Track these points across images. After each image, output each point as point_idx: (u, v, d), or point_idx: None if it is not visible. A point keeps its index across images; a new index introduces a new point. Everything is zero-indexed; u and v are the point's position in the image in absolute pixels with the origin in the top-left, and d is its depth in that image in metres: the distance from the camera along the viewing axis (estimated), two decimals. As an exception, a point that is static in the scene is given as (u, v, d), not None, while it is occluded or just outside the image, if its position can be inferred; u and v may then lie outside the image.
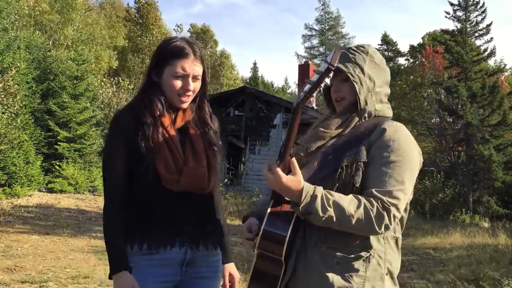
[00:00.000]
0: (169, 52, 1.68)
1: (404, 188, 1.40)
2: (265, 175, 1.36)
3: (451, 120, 19.87)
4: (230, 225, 11.17)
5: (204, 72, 1.74)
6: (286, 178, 1.34)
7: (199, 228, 1.71)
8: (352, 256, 1.42)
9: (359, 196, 1.38)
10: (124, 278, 1.57)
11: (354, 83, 1.53)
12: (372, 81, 1.56)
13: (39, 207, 10.89)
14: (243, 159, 18.01)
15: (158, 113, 1.65)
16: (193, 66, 1.68)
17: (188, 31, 39.14)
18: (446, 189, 16.19)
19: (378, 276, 1.44)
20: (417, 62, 27.77)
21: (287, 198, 1.43)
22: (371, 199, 1.37)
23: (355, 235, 1.41)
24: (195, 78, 1.70)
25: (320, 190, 1.36)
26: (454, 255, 8.32)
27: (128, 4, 35.14)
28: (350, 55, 1.58)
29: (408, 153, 1.44)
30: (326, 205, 1.33)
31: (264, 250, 1.42)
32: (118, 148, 1.65)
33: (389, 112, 1.61)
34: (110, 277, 1.60)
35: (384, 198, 1.36)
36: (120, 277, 1.58)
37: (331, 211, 1.33)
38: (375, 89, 1.56)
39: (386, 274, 1.46)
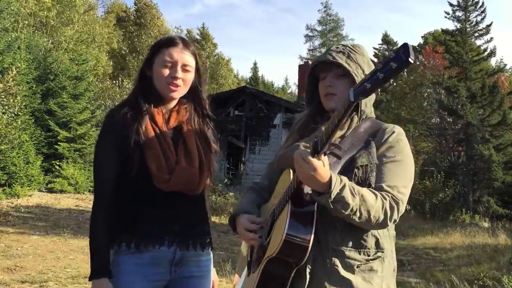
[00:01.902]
0: (158, 43, 1.69)
1: (407, 185, 1.46)
2: (298, 161, 1.29)
3: (451, 120, 19.90)
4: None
5: (198, 68, 1.72)
6: (319, 167, 1.27)
7: (189, 228, 1.67)
8: (372, 257, 1.45)
9: (373, 190, 1.40)
10: (104, 286, 1.54)
11: None
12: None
13: (39, 207, 10.89)
14: (243, 159, 18.02)
15: (144, 109, 1.63)
16: (181, 54, 1.65)
17: (185, 35, 39.26)
18: (446, 189, 16.19)
19: (390, 273, 1.50)
20: (417, 63, 27.75)
21: (309, 189, 1.37)
22: (383, 192, 1.40)
23: (369, 236, 1.44)
24: (185, 68, 1.66)
25: (345, 179, 1.34)
26: (454, 255, 8.31)
27: (128, 6, 34.95)
28: (351, 54, 1.55)
29: (409, 155, 1.51)
30: (354, 193, 1.33)
31: (283, 255, 1.36)
32: (109, 146, 1.62)
33: (374, 114, 1.65)
34: (90, 279, 1.57)
35: (394, 192, 1.41)
36: (101, 284, 1.54)
37: (357, 200, 1.32)
38: None
39: (393, 270, 1.52)
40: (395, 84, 26.96)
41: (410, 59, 1.05)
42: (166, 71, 1.63)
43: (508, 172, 17.26)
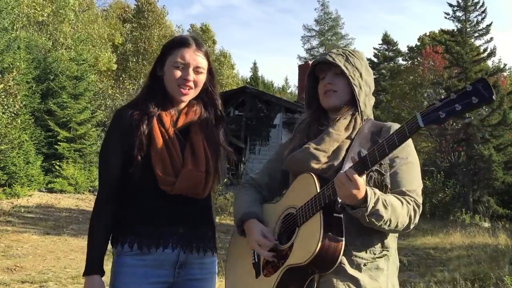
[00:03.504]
0: (171, 43, 1.66)
1: (421, 186, 1.53)
2: (342, 179, 1.29)
3: (451, 120, 19.87)
4: (230, 225, 11.16)
5: (210, 69, 1.69)
6: (362, 185, 1.29)
7: (193, 231, 1.64)
8: (378, 256, 1.48)
9: (398, 196, 1.43)
10: (94, 282, 1.56)
11: (354, 86, 1.56)
12: (368, 86, 1.62)
13: (39, 207, 10.89)
14: (243, 159, 18.00)
15: (151, 110, 1.61)
16: (194, 56, 1.62)
17: (187, 31, 39.07)
18: (446, 189, 16.19)
19: (393, 271, 1.54)
20: (415, 63, 27.75)
21: (343, 203, 1.36)
22: (406, 197, 1.44)
23: (375, 235, 1.47)
24: (197, 70, 1.63)
25: (378, 191, 1.36)
26: (454, 255, 8.31)
27: (134, 5, 34.42)
28: (350, 58, 1.59)
29: (415, 154, 1.56)
30: (386, 204, 1.35)
31: (314, 263, 1.35)
32: (115, 144, 1.60)
33: (372, 116, 1.68)
34: (83, 275, 1.59)
35: (415, 197, 1.46)
36: (91, 280, 1.56)
37: (389, 211, 1.35)
38: (370, 94, 1.63)
39: (396, 269, 1.57)
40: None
41: (493, 97, 1.09)
42: (178, 73, 1.61)
43: (508, 172, 17.26)
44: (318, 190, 1.41)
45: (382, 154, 1.27)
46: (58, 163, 13.93)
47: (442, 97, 1.20)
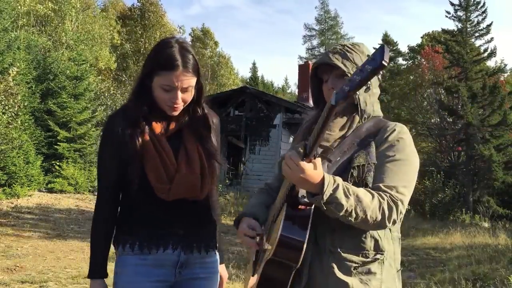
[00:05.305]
0: (159, 61, 1.58)
1: (408, 185, 1.41)
2: (288, 163, 1.28)
3: (451, 120, 19.89)
4: (229, 225, 11.16)
5: (199, 80, 1.65)
6: (308, 169, 1.25)
7: (193, 232, 1.68)
8: (369, 259, 1.43)
9: (370, 190, 1.37)
10: (97, 286, 1.63)
11: None
12: (370, 82, 1.55)
13: (39, 207, 10.89)
14: (243, 159, 17.99)
15: (141, 122, 1.61)
16: (181, 79, 1.57)
17: (189, 34, 39.04)
18: (446, 189, 16.17)
19: (391, 276, 1.48)
20: (416, 63, 27.76)
21: (304, 192, 1.36)
22: (381, 192, 1.36)
23: (368, 238, 1.42)
24: (185, 89, 1.60)
25: (339, 179, 1.32)
26: (454, 255, 8.31)
27: (133, 5, 34.31)
28: (348, 54, 1.52)
29: (412, 153, 1.47)
30: (348, 193, 1.30)
31: (278, 256, 1.36)
32: (110, 150, 1.63)
33: (380, 113, 1.61)
34: (87, 277, 1.67)
35: (392, 192, 1.37)
36: (95, 284, 1.64)
37: (351, 201, 1.29)
38: (372, 90, 1.55)
39: (397, 272, 1.52)
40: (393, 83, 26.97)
41: (384, 62, 1.05)
42: (166, 95, 1.59)
43: (508, 172, 17.25)
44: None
45: (314, 140, 1.22)
46: (58, 163, 13.93)
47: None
